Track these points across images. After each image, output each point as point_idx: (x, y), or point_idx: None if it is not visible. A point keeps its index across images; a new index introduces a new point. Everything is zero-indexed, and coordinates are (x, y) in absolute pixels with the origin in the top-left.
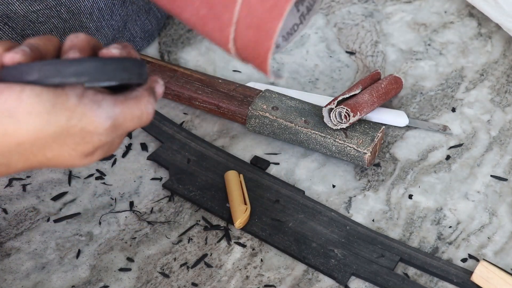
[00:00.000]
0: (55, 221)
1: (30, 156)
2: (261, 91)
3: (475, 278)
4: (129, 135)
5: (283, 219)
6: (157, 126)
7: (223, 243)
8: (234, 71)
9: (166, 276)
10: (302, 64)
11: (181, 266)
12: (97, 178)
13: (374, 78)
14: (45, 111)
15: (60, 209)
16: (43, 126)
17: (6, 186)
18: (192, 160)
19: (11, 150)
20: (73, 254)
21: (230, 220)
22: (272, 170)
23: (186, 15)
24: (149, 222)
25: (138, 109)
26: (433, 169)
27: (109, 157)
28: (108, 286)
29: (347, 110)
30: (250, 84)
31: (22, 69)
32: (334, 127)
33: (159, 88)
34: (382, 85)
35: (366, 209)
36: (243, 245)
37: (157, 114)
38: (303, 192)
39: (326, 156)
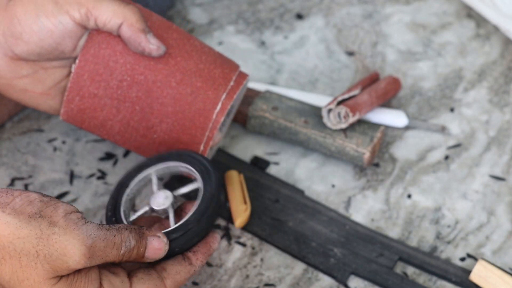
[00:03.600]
0: None
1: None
2: (261, 91)
3: (474, 277)
4: None
5: (283, 219)
6: None
7: (224, 242)
8: None
9: None
10: (302, 65)
11: None
12: (98, 178)
13: (373, 79)
14: (29, 213)
15: None
16: (21, 226)
17: (9, 185)
18: None
19: None
20: None
21: (230, 220)
22: (272, 170)
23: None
24: None
25: (118, 238)
26: (431, 169)
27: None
28: None
29: (346, 110)
30: (250, 85)
31: None
32: (334, 127)
33: (156, 242)
34: (381, 86)
35: (365, 209)
36: (243, 244)
37: None
38: (303, 191)
39: (326, 156)
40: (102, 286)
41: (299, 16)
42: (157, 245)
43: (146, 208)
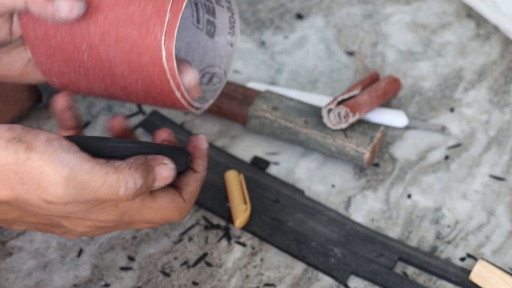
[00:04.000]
0: None
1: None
2: (261, 91)
3: (474, 277)
4: None
5: (283, 219)
6: (157, 126)
7: (224, 242)
8: (234, 71)
9: (166, 275)
10: (302, 65)
11: (181, 265)
12: None
13: (373, 79)
14: (7, 139)
15: None
16: (3, 149)
17: None
18: None
19: None
20: (74, 253)
21: (230, 220)
22: (272, 170)
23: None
24: None
25: (114, 177)
26: (431, 169)
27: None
28: (109, 285)
29: (346, 110)
30: (250, 85)
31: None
32: (334, 127)
33: (164, 171)
34: (381, 86)
35: (365, 209)
36: (243, 244)
37: (157, 115)
38: (303, 191)
39: (326, 156)
40: None
41: (299, 16)
42: (165, 174)
43: None
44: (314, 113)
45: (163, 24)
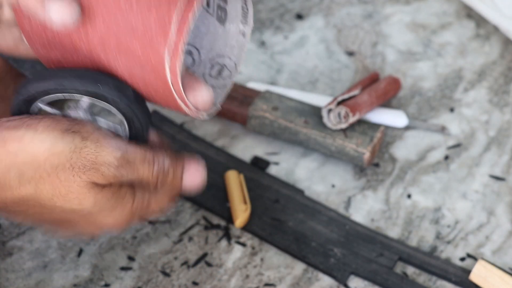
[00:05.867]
0: None
1: (37, 179)
2: (261, 91)
3: (473, 277)
4: None
5: (283, 219)
6: (157, 126)
7: (224, 242)
8: None
9: (167, 275)
10: (302, 65)
11: (181, 265)
12: None
13: (373, 79)
14: (61, 129)
15: None
16: (56, 142)
17: None
18: None
19: (22, 165)
20: (74, 253)
21: (230, 220)
22: (272, 170)
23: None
24: (150, 221)
25: (150, 153)
26: (431, 169)
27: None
28: (109, 285)
29: (346, 110)
30: (250, 85)
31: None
32: (334, 128)
33: (193, 166)
34: (381, 86)
35: (365, 209)
36: (243, 244)
37: (157, 115)
38: (303, 191)
39: (326, 156)
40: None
41: (299, 16)
42: (194, 170)
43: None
44: (314, 113)
45: (167, 38)
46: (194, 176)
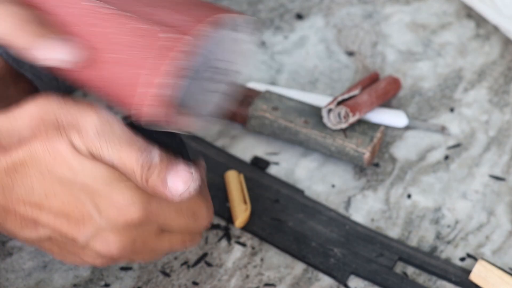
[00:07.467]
0: None
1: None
2: (261, 91)
3: (473, 277)
4: None
5: (283, 219)
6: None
7: (224, 242)
8: None
9: (166, 275)
10: (302, 65)
11: (181, 265)
12: None
13: (373, 79)
14: None
15: None
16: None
17: None
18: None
19: None
20: None
21: (230, 220)
22: (272, 170)
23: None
24: None
25: (143, 142)
26: (431, 169)
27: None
28: (109, 285)
29: (346, 110)
30: (250, 85)
31: None
32: (334, 127)
33: (181, 171)
34: (381, 86)
35: (365, 209)
36: (243, 244)
37: None
38: (303, 191)
39: (326, 156)
40: None
41: (299, 16)
42: (182, 175)
43: None
44: (314, 113)
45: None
46: (177, 183)
